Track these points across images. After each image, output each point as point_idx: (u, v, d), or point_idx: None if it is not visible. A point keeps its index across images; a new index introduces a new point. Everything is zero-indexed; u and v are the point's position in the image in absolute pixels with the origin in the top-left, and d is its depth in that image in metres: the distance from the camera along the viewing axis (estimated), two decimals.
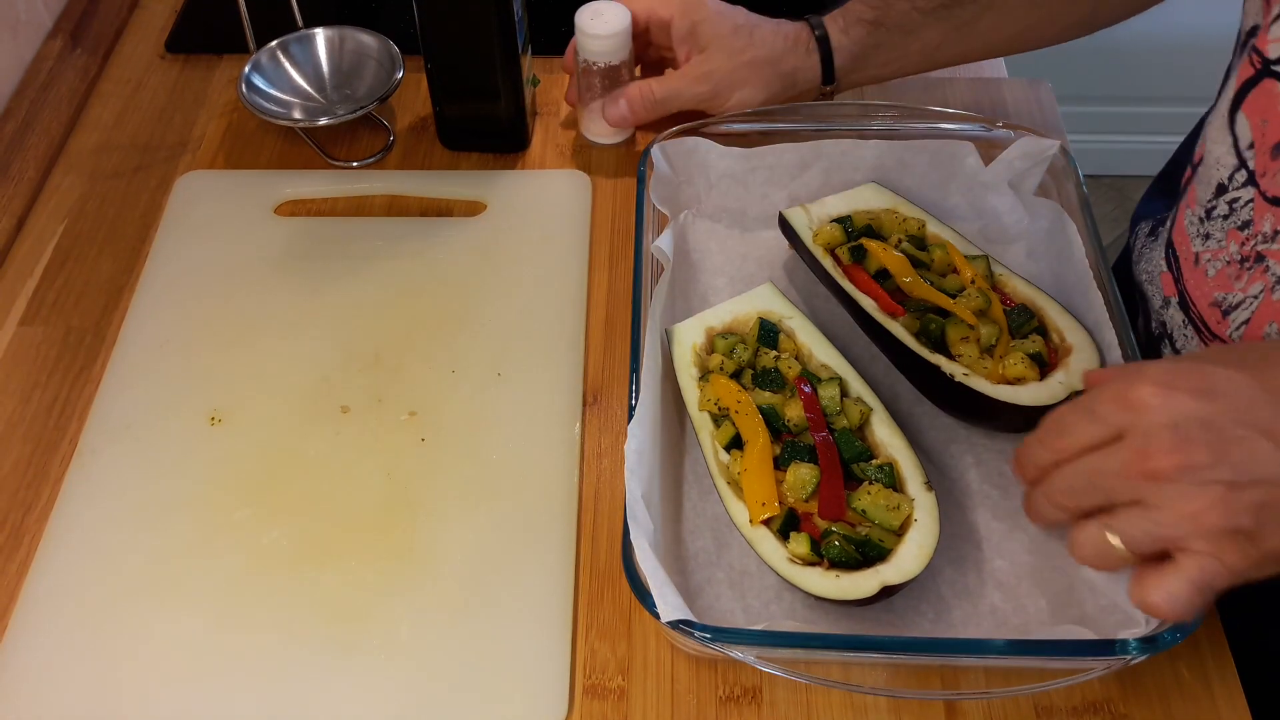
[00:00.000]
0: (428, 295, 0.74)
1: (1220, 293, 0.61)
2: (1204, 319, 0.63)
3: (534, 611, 0.60)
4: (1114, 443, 0.47)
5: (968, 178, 0.74)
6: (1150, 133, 1.98)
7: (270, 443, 0.67)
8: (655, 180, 0.72)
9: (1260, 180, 0.58)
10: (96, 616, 0.60)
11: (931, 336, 0.64)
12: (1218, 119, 0.61)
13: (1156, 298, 0.69)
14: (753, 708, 0.57)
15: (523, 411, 0.68)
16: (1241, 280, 0.60)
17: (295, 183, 0.82)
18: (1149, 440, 0.45)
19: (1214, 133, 0.61)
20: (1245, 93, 0.58)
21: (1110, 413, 0.47)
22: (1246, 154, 0.58)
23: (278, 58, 0.85)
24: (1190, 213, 0.64)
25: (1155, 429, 0.45)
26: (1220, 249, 0.61)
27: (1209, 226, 0.62)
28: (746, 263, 0.74)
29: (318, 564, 0.62)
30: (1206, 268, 0.62)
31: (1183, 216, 0.65)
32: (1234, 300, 0.60)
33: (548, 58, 0.91)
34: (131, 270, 0.77)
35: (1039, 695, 0.57)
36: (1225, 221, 0.60)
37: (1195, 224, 0.63)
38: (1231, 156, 0.59)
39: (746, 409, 0.61)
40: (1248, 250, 0.59)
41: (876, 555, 0.56)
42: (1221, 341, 0.62)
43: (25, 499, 0.66)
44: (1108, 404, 0.47)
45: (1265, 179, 0.57)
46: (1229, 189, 0.60)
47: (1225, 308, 0.61)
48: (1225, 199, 0.60)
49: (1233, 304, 0.60)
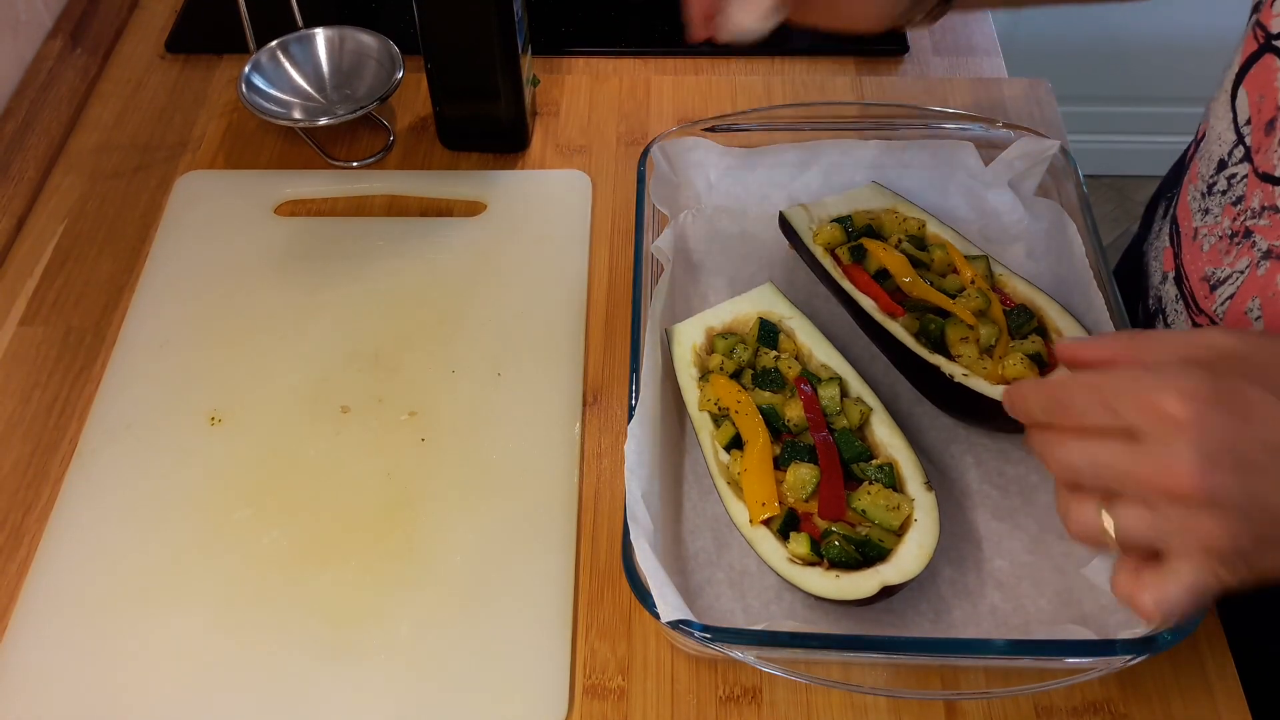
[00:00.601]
0: (428, 295, 0.74)
1: (1211, 267, 0.61)
2: (1194, 294, 0.62)
3: (534, 611, 0.60)
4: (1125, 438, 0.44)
5: (968, 178, 0.74)
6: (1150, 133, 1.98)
7: (270, 443, 0.67)
8: (655, 180, 0.72)
9: (1255, 156, 0.58)
10: (96, 616, 0.60)
11: (931, 337, 0.64)
12: (1222, 95, 0.61)
13: (1157, 274, 0.69)
14: (753, 708, 0.57)
15: (523, 411, 0.68)
16: (1230, 255, 0.59)
17: (295, 183, 0.82)
18: (1174, 458, 0.43)
19: (1217, 108, 0.61)
20: (1247, 68, 0.58)
21: (1129, 410, 0.44)
22: (1244, 130, 0.58)
23: (278, 58, 0.85)
24: (1193, 188, 0.64)
25: (1182, 449, 0.42)
26: (1215, 224, 0.61)
27: (1208, 202, 0.62)
28: (746, 263, 0.74)
29: (317, 564, 0.62)
30: (1202, 242, 0.62)
31: (1186, 192, 0.65)
32: (1222, 275, 0.60)
33: (548, 58, 0.91)
34: (131, 270, 0.77)
35: (1039, 695, 0.57)
36: (1223, 197, 0.60)
37: (1197, 199, 0.63)
38: (1231, 132, 0.59)
39: (746, 409, 0.61)
40: (1238, 225, 0.59)
41: (876, 555, 0.56)
42: (1208, 317, 0.61)
43: (25, 499, 0.66)
44: (1127, 402, 0.44)
45: (1259, 155, 0.57)
46: (1228, 164, 0.60)
47: (1214, 282, 0.61)
48: (1225, 174, 0.60)
49: (1220, 279, 0.60)
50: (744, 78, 0.90)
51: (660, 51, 0.92)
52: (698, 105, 0.88)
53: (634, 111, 0.87)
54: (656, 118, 0.87)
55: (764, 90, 0.89)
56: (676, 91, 0.89)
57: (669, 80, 0.90)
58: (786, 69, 0.91)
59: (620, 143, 0.85)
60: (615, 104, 0.88)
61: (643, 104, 0.88)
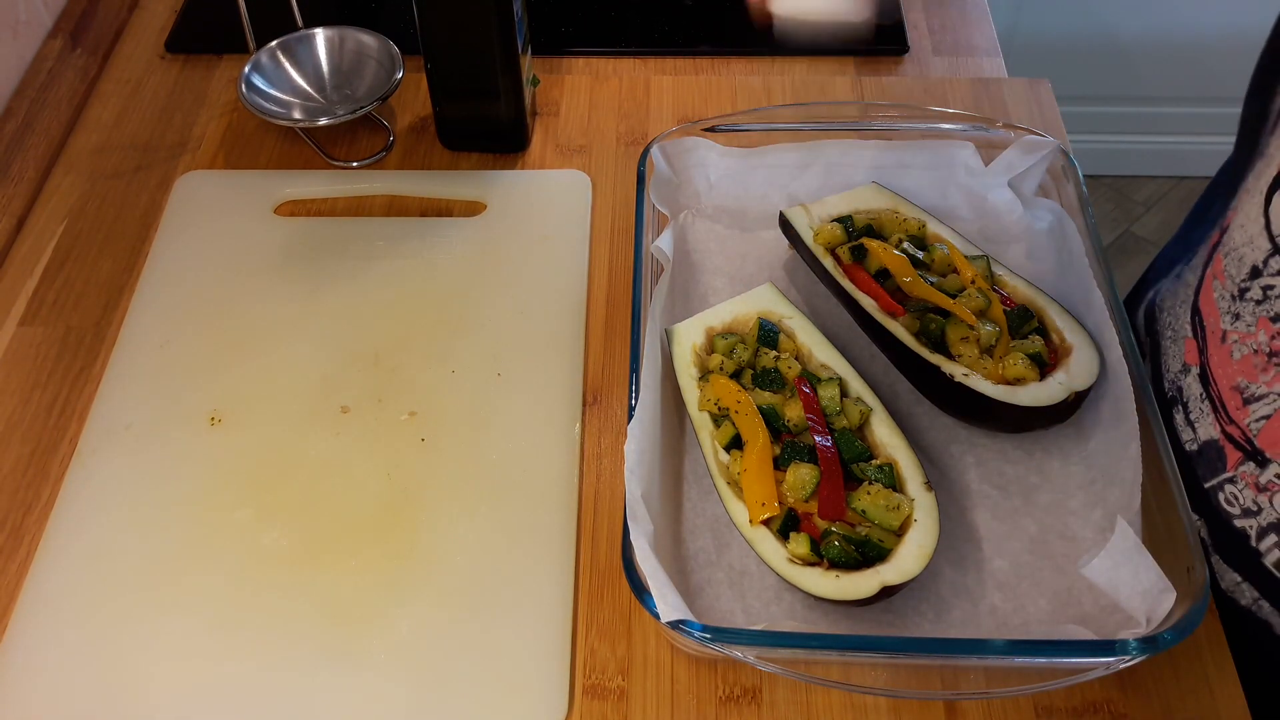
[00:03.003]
0: (428, 295, 0.74)
1: (1245, 380, 0.58)
2: (1223, 400, 0.60)
3: (534, 611, 0.60)
4: None
5: (967, 177, 0.74)
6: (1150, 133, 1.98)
7: (270, 443, 0.67)
8: (655, 180, 0.72)
9: None
10: (96, 616, 0.60)
11: (931, 336, 0.64)
12: (1252, 196, 0.57)
13: (1176, 360, 0.66)
14: (753, 708, 0.57)
15: (523, 411, 0.68)
16: (1268, 374, 0.57)
17: (295, 183, 0.82)
18: None
19: (1248, 209, 0.58)
20: None
21: None
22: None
23: (278, 58, 0.85)
24: (1219, 285, 0.60)
25: None
26: (1249, 334, 0.58)
27: (1239, 307, 0.58)
28: (746, 263, 0.74)
29: (317, 564, 0.62)
30: (1233, 349, 0.59)
31: (1210, 285, 0.62)
32: (1257, 392, 0.57)
33: (548, 58, 0.91)
34: (131, 270, 0.77)
35: (1039, 695, 0.57)
36: (1258, 307, 0.57)
37: (1226, 300, 0.60)
38: (1265, 240, 0.56)
39: (746, 409, 0.61)
40: (1278, 345, 0.56)
41: (876, 555, 0.56)
42: (1239, 429, 0.59)
43: (25, 499, 0.66)
44: None
45: None
46: (1263, 273, 0.56)
47: (1247, 396, 0.58)
48: (1259, 283, 0.57)
49: (1256, 395, 0.58)
50: (744, 78, 0.90)
51: (660, 51, 0.92)
52: (698, 105, 0.88)
53: (634, 111, 0.87)
54: (656, 118, 0.87)
55: (764, 90, 0.89)
56: (676, 91, 0.89)
57: (669, 80, 0.90)
58: (786, 69, 0.91)
59: (620, 143, 0.85)
60: (615, 104, 0.88)
61: (643, 104, 0.88)
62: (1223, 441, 0.59)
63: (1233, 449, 0.59)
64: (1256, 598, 0.59)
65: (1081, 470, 0.63)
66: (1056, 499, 0.62)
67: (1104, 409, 0.62)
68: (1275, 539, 0.57)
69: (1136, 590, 0.54)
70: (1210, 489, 0.61)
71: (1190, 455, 0.62)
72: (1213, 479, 0.60)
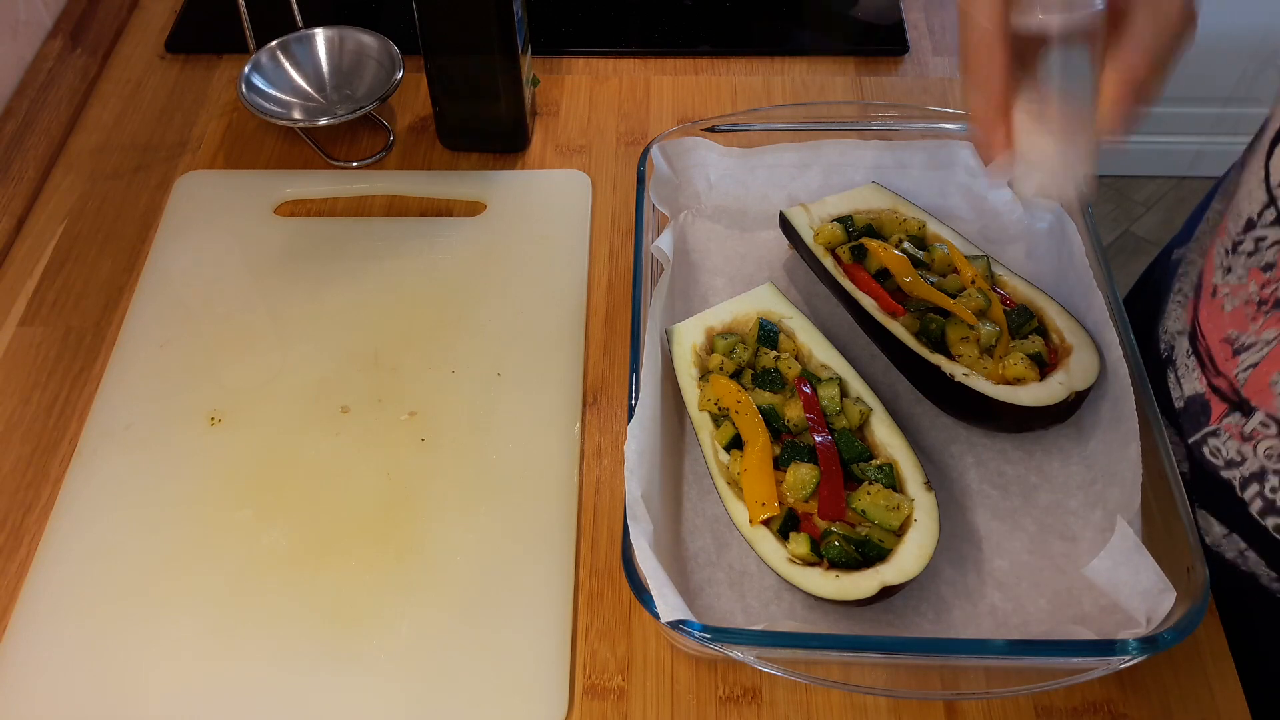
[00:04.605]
0: (427, 295, 0.74)
1: (1235, 330, 0.59)
2: (1212, 354, 0.61)
3: (534, 611, 0.60)
4: None
5: (967, 177, 0.74)
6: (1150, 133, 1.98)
7: (270, 443, 0.67)
8: (655, 180, 0.72)
9: None
10: (96, 616, 0.60)
11: (931, 336, 0.64)
12: (1258, 150, 0.59)
13: (1176, 321, 0.67)
14: (753, 708, 0.57)
15: (523, 411, 0.68)
16: (1257, 323, 0.57)
17: (295, 183, 0.82)
18: None
19: (1252, 164, 0.59)
20: None
21: None
22: (1277, 191, 0.56)
23: (278, 58, 0.85)
24: (1220, 243, 0.61)
25: None
26: (1240, 285, 0.59)
27: (1232, 260, 0.60)
28: (746, 263, 0.74)
29: (317, 564, 0.62)
30: (1224, 301, 0.60)
31: (1213, 247, 0.63)
32: (1246, 341, 0.58)
33: (548, 58, 0.91)
34: (131, 270, 0.77)
35: (1039, 695, 0.57)
36: (1249, 259, 0.58)
37: (1221, 255, 0.61)
38: (1263, 193, 0.57)
39: (746, 409, 0.61)
40: (1267, 293, 0.57)
41: (876, 555, 0.56)
42: (1227, 380, 0.60)
43: (25, 499, 0.66)
44: None
45: None
46: (1256, 225, 0.58)
47: (1237, 347, 0.59)
48: (1252, 235, 0.58)
49: (1245, 344, 0.58)
50: (744, 78, 0.90)
51: (660, 51, 0.92)
52: (698, 105, 0.88)
53: (634, 111, 0.87)
54: (656, 118, 0.87)
55: (764, 90, 0.89)
56: (676, 91, 0.89)
57: (669, 80, 0.90)
58: (786, 69, 0.91)
59: (620, 143, 0.85)
60: (615, 104, 0.88)
61: (643, 104, 0.88)
62: (1209, 395, 0.60)
63: (1218, 401, 0.60)
64: (1243, 549, 0.59)
65: (1081, 470, 0.63)
66: (1056, 499, 0.62)
67: (1104, 409, 0.62)
68: (1258, 488, 0.57)
69: (1136, 590, 0.54)
70: (1194, 443, 0.61)
71: (1178, 413, 0.63)
72: (1196, 433, 0.61)
